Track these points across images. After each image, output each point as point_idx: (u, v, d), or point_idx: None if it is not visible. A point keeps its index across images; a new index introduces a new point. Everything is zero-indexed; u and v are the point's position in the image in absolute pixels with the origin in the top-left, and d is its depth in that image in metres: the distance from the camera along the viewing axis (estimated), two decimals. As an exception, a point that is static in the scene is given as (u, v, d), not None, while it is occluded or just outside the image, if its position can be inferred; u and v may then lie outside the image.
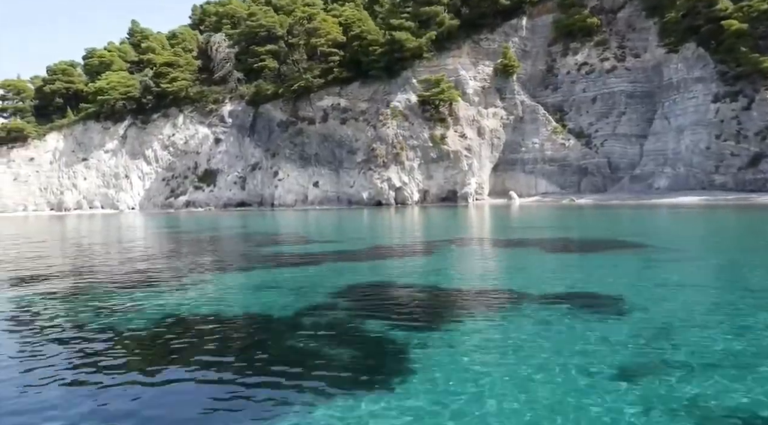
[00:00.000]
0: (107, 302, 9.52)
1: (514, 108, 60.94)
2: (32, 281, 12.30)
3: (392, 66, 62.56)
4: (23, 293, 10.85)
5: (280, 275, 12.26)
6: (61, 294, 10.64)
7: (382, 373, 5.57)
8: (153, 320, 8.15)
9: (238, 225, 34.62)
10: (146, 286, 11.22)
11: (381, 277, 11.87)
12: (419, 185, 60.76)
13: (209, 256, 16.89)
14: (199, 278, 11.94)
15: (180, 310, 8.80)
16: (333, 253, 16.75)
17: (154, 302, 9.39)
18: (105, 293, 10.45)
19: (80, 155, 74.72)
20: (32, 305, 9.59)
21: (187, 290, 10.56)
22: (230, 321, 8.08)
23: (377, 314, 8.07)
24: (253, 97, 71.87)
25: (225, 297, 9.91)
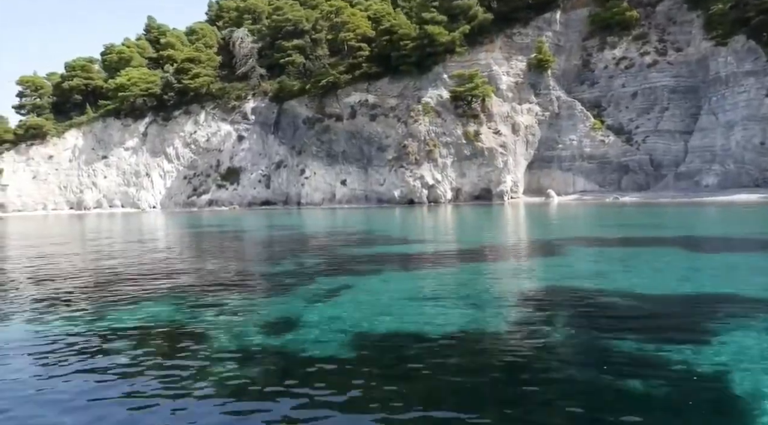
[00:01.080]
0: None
1: (549, 104, 59.26)
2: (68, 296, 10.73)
3: (423, 61, 60.96)
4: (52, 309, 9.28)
5: (422, 281, 10.67)
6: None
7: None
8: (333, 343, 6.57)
9: (290, 224, 33.03)
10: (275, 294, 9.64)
11: (548, 281, 10.27)
12: (452, 183, 59.16)
13: (315, 258, 15.29)
14: (333, 286, 10.35)
15: (329, 324, 7.22)
16: (450, 254, 15.16)
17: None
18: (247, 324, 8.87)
19: (100, 152, 73.21)
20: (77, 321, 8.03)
21: (333, 301, 8.97)
22: (419, 340, 6.47)
23: (610, 327, 6.56)
24: (277, 93, 70.33)
25: (385, 310, 8.23)
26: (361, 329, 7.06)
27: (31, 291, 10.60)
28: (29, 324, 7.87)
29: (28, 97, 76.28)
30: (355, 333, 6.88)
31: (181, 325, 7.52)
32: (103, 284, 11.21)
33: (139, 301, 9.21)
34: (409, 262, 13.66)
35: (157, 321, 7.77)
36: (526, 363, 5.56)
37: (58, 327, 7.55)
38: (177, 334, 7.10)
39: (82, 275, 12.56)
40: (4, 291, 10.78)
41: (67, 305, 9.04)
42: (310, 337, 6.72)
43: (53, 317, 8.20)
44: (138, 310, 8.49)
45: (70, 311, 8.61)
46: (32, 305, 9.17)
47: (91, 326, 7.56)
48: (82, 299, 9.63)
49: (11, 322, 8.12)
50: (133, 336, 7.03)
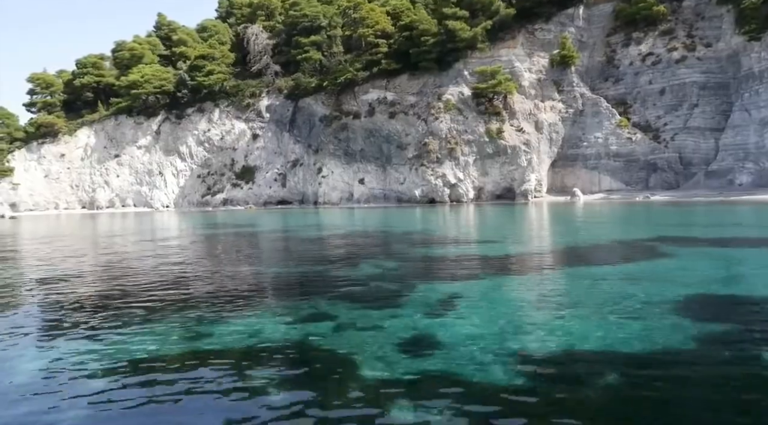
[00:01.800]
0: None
1: (573, 101, 58.04)
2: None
3: (444, 57, 59.81)
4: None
5: (534, 287, 9.48)
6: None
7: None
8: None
9: (328, 224, 31.82)
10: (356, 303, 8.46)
11: (674, 285, 9.03)
12: (474, 182, 57.98)
13: (391, 261, 14.10)
14: (440, 295, 9.16)
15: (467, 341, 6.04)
16: (533, 255, 13.96)
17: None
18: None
19: (112, 151, 72.10)
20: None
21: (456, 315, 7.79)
22: (586, 359, 5.32)
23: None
24: (293, 90, 69.19)
25: (523, 323, 7.06)
26: (511, 348, 5.92)
27: (48, 297, 9.46)
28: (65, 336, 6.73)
29: (39, 95, 75.14)
30: (509, 353, 5.74)
31: (294, 341, 6.37)
32: (178, 302, 10.04)
33: (232, 319, 8.03)
34: (498, 265, 12.45)
35: (264, 338, 6.61)
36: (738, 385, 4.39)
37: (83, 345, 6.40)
38: (292, 353, 5.93)
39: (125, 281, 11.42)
40: (21, 295, 9.65)
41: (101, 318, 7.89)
42: (459, 359, 5.59)
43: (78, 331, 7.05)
44: (238, 330, 7.32)
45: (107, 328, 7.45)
46: (55, 315, 8.03)
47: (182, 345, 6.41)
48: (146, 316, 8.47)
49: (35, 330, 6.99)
50: (242, 364, 5.86)
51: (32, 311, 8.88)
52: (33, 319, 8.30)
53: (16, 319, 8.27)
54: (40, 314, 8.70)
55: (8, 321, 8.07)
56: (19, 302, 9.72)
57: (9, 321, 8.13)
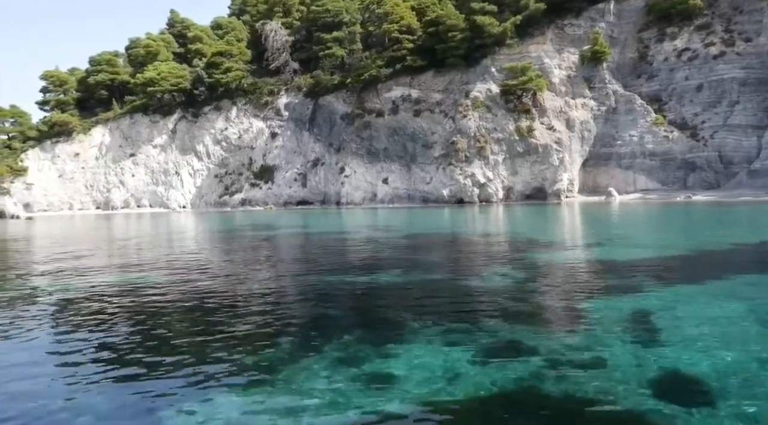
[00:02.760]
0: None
1: (605, 98, 56.33)
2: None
3: (472, 53, 58.16)
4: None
5: (719, 299, 7.78)
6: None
7: None
8: None
9: (376, 225, 30.12)
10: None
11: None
12: (503, 182, 56.27)
13: (515, 269, 12.41)
14: (622, 309, 7.46)
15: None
16: (664, 260, 12.25)
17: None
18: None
19: (127, 150, 70.43)
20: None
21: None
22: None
23: None
24: (312, 88, 67.52)
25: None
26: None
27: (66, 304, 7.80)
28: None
29: (52, 93, 73.45)
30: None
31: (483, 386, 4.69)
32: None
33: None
34: (647, 271, 10.72)
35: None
36: None
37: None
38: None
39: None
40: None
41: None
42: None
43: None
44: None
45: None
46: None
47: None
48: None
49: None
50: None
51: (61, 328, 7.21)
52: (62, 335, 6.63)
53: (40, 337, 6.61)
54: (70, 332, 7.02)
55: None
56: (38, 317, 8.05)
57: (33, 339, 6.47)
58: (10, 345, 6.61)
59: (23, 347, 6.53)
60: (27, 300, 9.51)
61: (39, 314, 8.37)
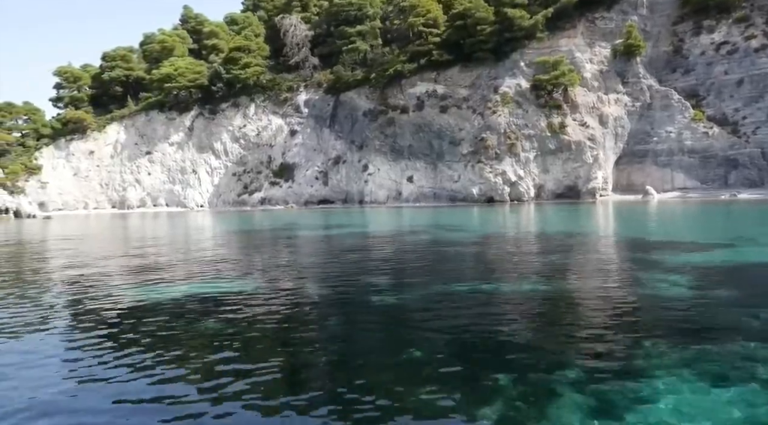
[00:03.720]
0: None
1: (640, 93, 54.50)
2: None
3: (501, 47, 56.37)
4: None
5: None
6: None
7: None
8: None
9: (446, 224, 28.35)
10: None
11: None
12: (534, 180, 54.50)
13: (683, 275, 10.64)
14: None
15: None
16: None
17: None
18: None
19: (143, 148, 68.79)
20: None
21: None
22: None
23: None
24: (333, 84, 65.82)
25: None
26: None
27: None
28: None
29: (66, 89, 71.81)
30: None
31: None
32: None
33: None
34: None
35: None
36: None
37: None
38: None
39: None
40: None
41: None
42: None
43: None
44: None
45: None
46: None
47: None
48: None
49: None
50: None
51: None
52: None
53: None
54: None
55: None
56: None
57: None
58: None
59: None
60: (84, 307, 7.83)
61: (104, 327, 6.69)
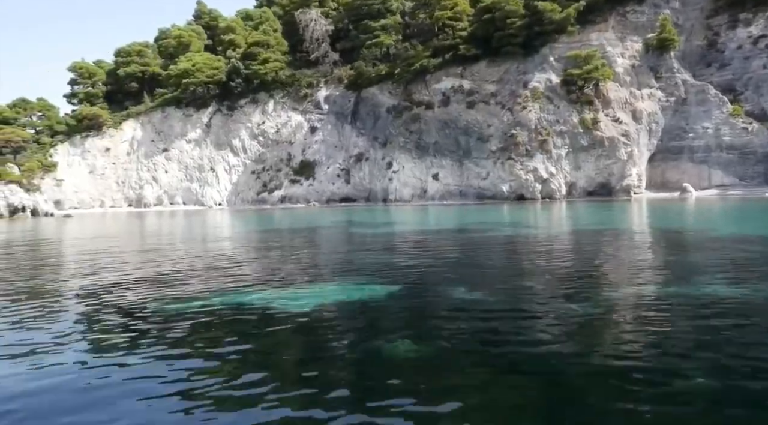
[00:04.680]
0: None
1: (674, 88, 53.06)
2: None
3: (531, 41, 54.91)
4: None
5: None
6: None
7: None
8: None
9: (513, 221, 26.89)
10: None
11: None
12: (566, 177, 53.06)
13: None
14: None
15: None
16: None
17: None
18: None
19: (160, 145, 67.34)
20: None
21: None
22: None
23: None
24: (355, 80, 64.37)
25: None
26: None
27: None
28: None
29: (80, 85, 70.31)
30: None
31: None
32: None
33: None
34: None
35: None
36: None
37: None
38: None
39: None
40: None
41: None
42: None
43: None
44: None
45: None
46: None
47: None
48: None
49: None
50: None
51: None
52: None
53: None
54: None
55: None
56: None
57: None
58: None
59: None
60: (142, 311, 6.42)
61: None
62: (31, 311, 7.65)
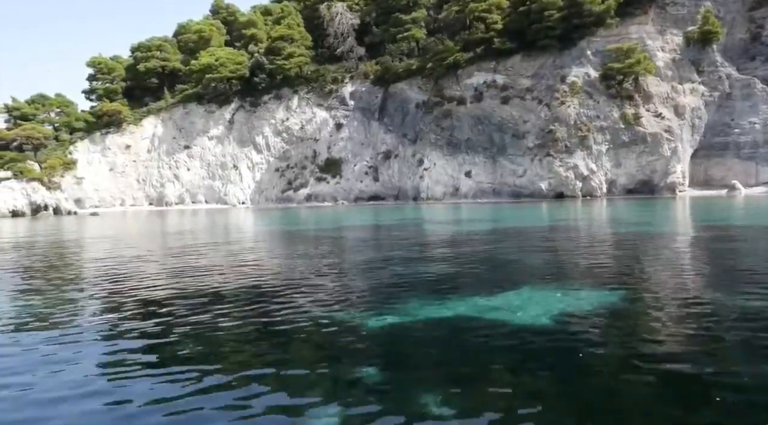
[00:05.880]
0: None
1: (717, 83, 51.45)
2: None
3: (569, 34, 53.26)
4: None
5: None
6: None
7: None
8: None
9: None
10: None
11: None
12: (606, 174, 51.44)
13: None
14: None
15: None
16: None
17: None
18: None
19: (181, 142, 65.64)
20: None
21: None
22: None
23: None
24: (382, 75, 62.69)
25: None
26: None
27: None
28: None
29: (99, 81, 68.56)
30: None
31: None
32: None
33: None
34: None
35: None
36: None
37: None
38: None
39: None
40: None
41: None
42: None
43: None
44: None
45: None
46: None
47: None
48: None
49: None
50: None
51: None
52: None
53: None
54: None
55: None
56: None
57: None
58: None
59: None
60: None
61: None
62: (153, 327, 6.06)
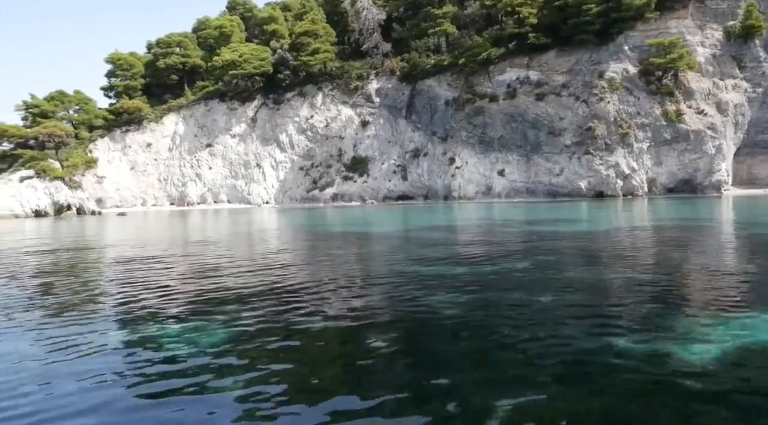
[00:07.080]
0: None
1: (761, 79, 50.18)
2: None
3: (607, 29, 51.84)
4: None
5: None
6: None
7: None
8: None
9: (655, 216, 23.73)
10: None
11: None
12: (647, 173, 50.01)
13: None
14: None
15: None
16: None
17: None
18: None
19: (203, 140, 64.16)
20: None
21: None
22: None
23: None
24: (409, 71, 61.24)
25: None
26: None
27: None
28: None
29: (118, 78, 67.01)
30: None
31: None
32: None
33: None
34: None
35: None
36: None
37: None
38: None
39: None
40: None
41: None
42: None
43: None
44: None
45: None
46: None
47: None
48: None
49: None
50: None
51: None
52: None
53: None
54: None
55: None
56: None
57: None
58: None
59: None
60: None
61: None
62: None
